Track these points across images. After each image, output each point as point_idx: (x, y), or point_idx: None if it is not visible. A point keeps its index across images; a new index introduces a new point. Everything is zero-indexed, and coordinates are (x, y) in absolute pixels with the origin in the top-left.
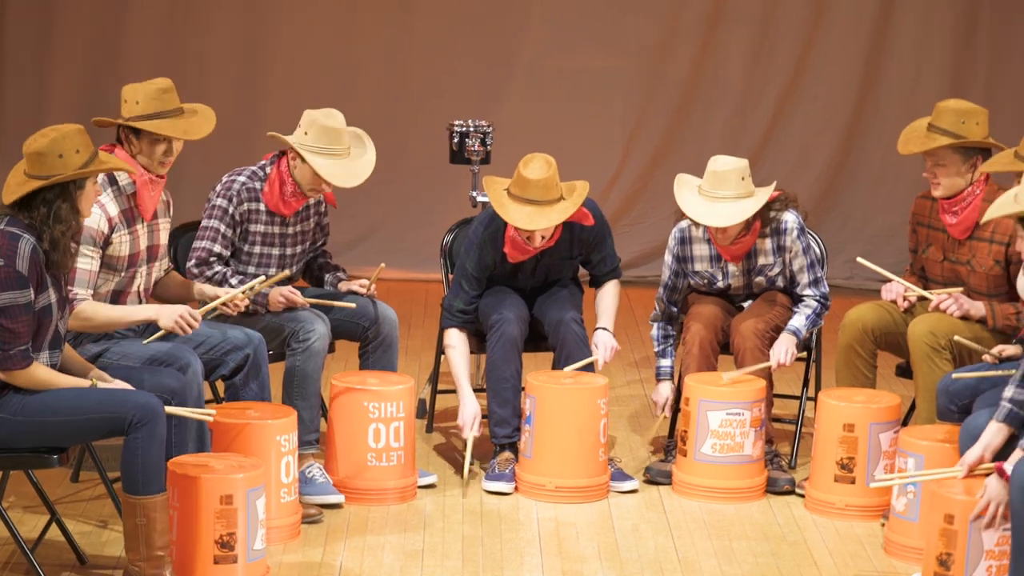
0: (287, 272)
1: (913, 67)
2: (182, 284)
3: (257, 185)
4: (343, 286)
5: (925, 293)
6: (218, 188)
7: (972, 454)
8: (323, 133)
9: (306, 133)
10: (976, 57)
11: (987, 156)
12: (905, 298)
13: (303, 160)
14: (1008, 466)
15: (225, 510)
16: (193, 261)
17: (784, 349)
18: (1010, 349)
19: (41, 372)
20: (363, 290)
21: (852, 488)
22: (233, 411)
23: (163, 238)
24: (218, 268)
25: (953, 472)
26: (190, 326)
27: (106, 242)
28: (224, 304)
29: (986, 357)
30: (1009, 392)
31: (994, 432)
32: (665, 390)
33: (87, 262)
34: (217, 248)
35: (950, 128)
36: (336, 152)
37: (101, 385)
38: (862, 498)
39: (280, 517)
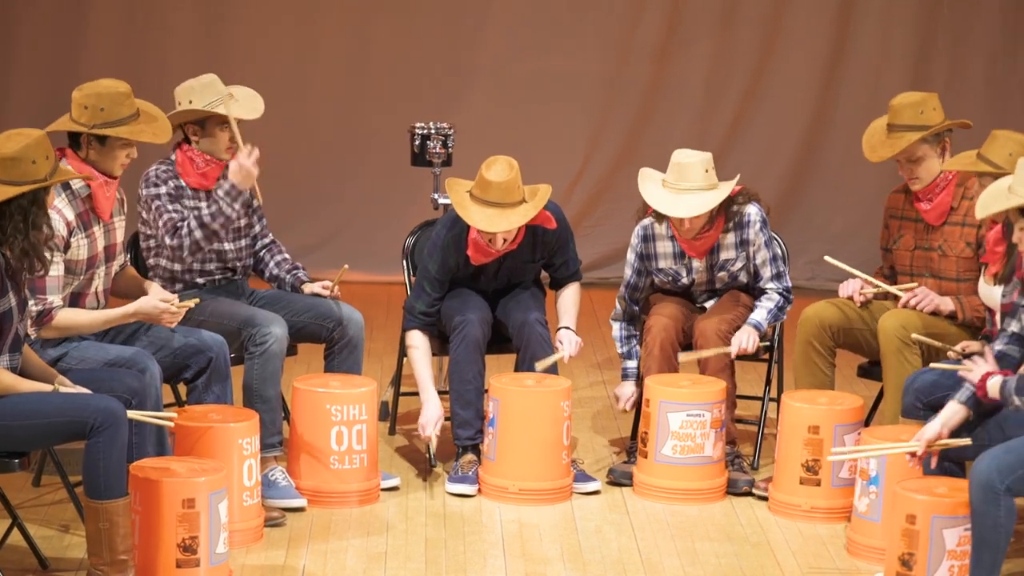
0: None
1: (874, 66)
2: (136, 282)
3: (169, 167)
4: (306, 287)
5: (886, 287)
6: (141, 182)
7: (930, 430)
8: (206, 89)
9: (191, 101)
10: (936, 55)
11: (952, 137)
12: (862, 293)
13: (203, 127)
14: (988, 382)
15: (187, 514)
16: (165, 233)
17: (747, 336)
18: (974, 345)
19: (4, 377)
20: (326, 292)
21: (818, 490)
22: (195, 415)
23: (119, 236)
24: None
25: (910, 447)
26: (174, 315)
27: (65, 246)
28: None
29: (950, 354)
30: (1000, 345)
31: (953, 411)
32: (629, 387)
33: (53, 267)
34: (175, 217)
35: (913, 122)
36: (226, 99)
37: (63, 390)
38: (828, 500)
39: (243, 520)
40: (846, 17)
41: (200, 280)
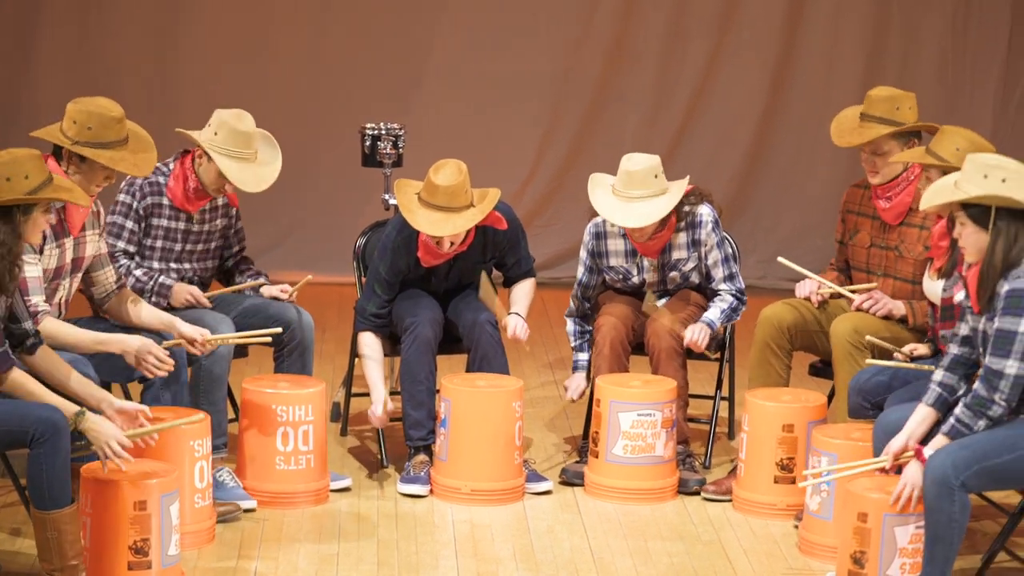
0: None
1: (824, 66)
2: (134, 309)
3: (160, 180)
4: (265, 291)
5: (839, 289)
6: (123, 184)
7: (896, 442)
8: (232, 135)
9: (216, 133)
10: (887, 55)
11: (921, 139)
12: (819, 293)
13: (209, 159)
14: (928, 451)
15: (139, 516)
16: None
17: (700, 330)
18: (921, 348)
19: (28, 383)
20: (284, 295)
21: (793, 488)
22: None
23: (89, 250)
24: (123, 261)
25: (879, 463)
26: (157, 367)
27: (40, 250)
28: (191, 344)
29: (898, 355)
30: (938, 376)
31: (921, 418)
32: (579, 378)
33: (33, 269)
34: (121, 244)
35: (885, 116)
36: (244, 156)
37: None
38: (804, 497)
39: (195, 522)
40: (796, 17)
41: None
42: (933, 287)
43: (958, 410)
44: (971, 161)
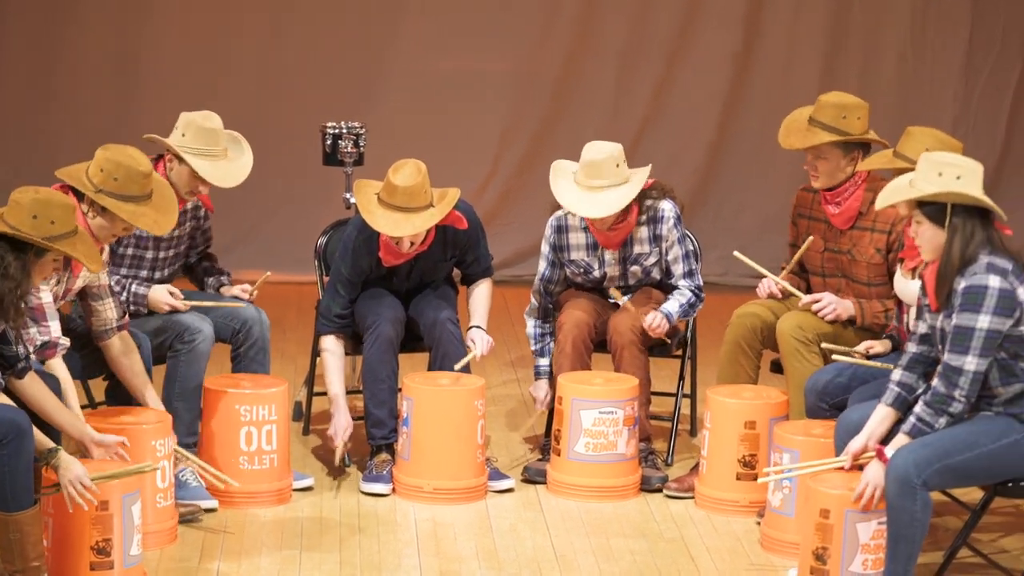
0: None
1: (784, 63)
2: (126, 363)
3: None
4: (225, 291)
5: (791, 288)
6: None
7: (856, 443)
8: (200, 134)
9: (183, 135)
10: (846, 54)
11: (867, 150)
12: (778, 288)
13: (180, 162)
14: (889, 451)
15: (100, 516)
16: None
17: (658, 317)
18: (878, 346)
19: (46, 401)
20: (245, 295)
21: (755, 485)
22: (108, 415)
23: (78, 283)
24: None
25: (839, 462)
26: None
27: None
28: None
29: (855, 354)
30: (896, 376)
31: (881, 418)
32: (543, 386)
33: (46, 295)
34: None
35: (831, 123)
36: (214, 153)
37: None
38: (766, 493)
39: (156, 522)
40: (756, 15)
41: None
42: (906, 286)
43: (918, 408)
44: (925, 159)
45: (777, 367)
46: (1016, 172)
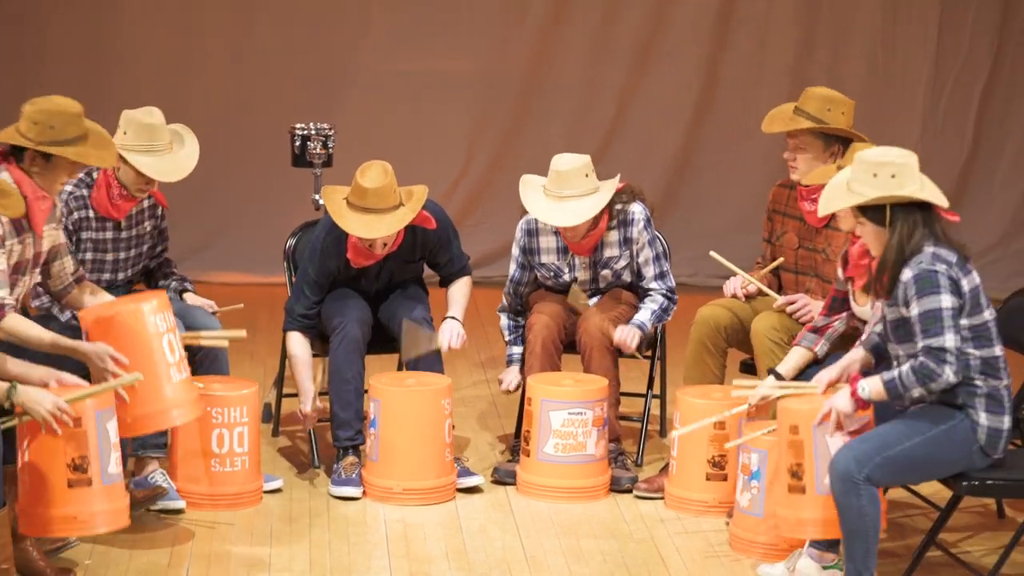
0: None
1: (754, 63)
2: (94, 300)
3: (84, 192)
4: (189, 298)
5: (764, 288)
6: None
7: (829, 373)
8: (140, 130)
9: (125, 133)
10: (816, 53)
11: (847, 148)
12: (744, 288)
13: (125, 161)
14: (862, 385)
15: (75, 432)
16: None
17: (630, 332)
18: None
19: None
20: (209, 309)
21: (724, 485)
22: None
23: (46, 244)
24: None
25: (811, 388)
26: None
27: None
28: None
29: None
30: (878, 328)
31: (855, 358)
32: (514, 371)
33: (0, 261)
34: None
35: (815, 114)
36: (156, 148)
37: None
38: (735, 494)
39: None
40: (727, 15)
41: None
42: (863, 311)
43: (904, 368)
44: (859, 161)
45: (747, 368)
46: (983, 173)
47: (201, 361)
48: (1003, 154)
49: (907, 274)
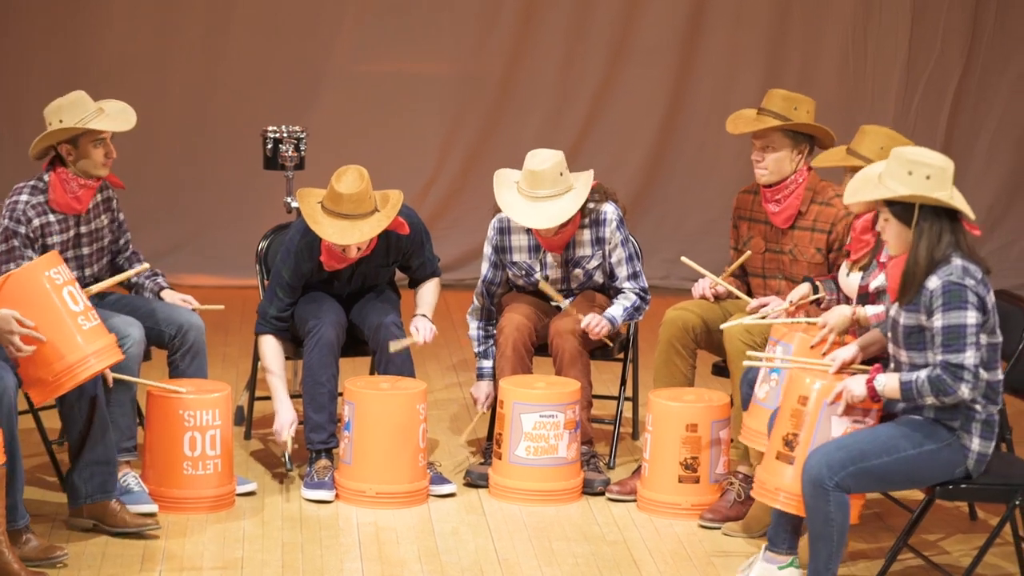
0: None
1: (726, 64)
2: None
3: (40, 198)
4: (167, 295)
5: (734, 290)
6: (4, 211)
7: (847, 351)
8: (74, 107)
9: (61, 120)
10: (787, 55)
11: (814, 145)
12: (713, 289)
13: (75, 144)
14: (879, 379)
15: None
16: None
17: (598, 320)
18: (796, 293)
19: None
20: (187, 305)
21: (697, 487)
22: None
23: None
24: None
25: (823, 364)
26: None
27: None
28: None
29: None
30: (892, 311)
31: (872, 339)
32: (485, 387)
33: None
34: (13, 267)
35: (781, 112)
36: (96, 113)
37: None
38: (708, 496)
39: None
40: (698, 17)
41: None
42: (849, 281)
43: (923, 374)
44: (896, 156)
45: (719, 370)
46: (956, 174)
47: (180, 362)
48: (974, 156)
49: (935, 283)
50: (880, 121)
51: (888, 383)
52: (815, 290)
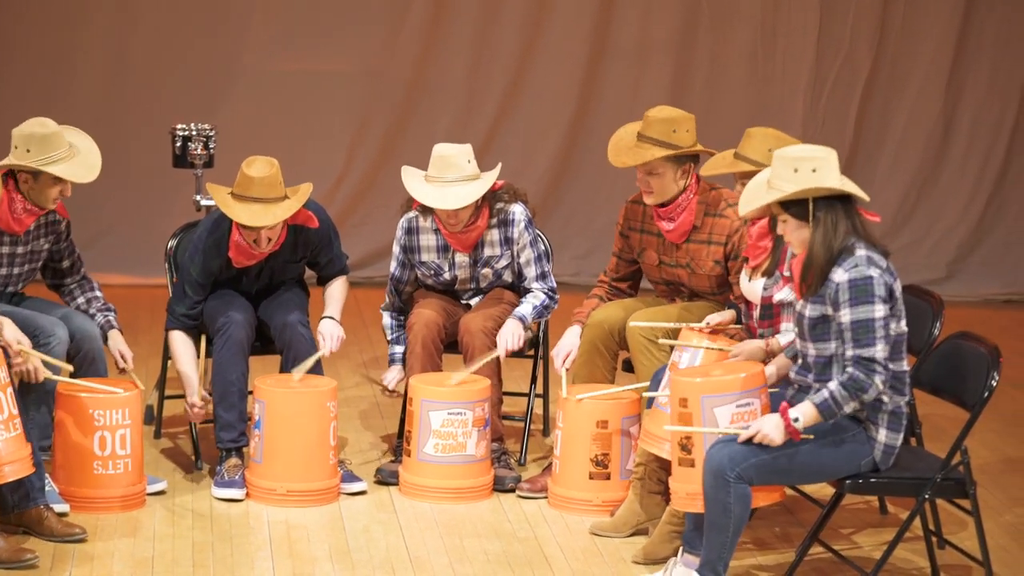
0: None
1: (634, 64)
2: None
3: None
4: (113, 339)
5: (715, 346)
6: None
7: (719, 317)
8: (44, 143)
9: (28, 151)
10: (696, 55)
11: (698, 161)
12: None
13: (36, 177)
14: (793, 413)
15: None
16: None
17: (511, 333)
18: (717, 317)
19: None
20: (121, 363)
21: (608, 484)
22: None
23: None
24: None
25: (719, 347)
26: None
27: None
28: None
29: (697, 330)
30: (798, 306)
31: (781, 362)
32: (396, 370)
33: None
34: None
35: (661, 138)
36: (64, 156)
37: None
38: (619, 492)
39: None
40: (607, 16)
41: None
42: (751, 286)
43: (833, 386)
44: (779, 158)
45: (629, 366)
46: (863, 173)
47: (78, 370)
48: (883, 154)
49: (841, 275)
50: (789, 119)
51: (804, 412)
52: (738, 320)
